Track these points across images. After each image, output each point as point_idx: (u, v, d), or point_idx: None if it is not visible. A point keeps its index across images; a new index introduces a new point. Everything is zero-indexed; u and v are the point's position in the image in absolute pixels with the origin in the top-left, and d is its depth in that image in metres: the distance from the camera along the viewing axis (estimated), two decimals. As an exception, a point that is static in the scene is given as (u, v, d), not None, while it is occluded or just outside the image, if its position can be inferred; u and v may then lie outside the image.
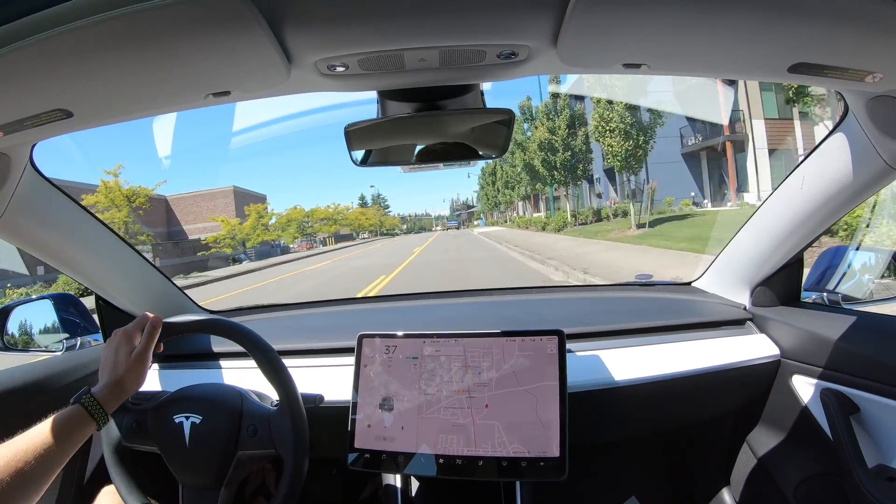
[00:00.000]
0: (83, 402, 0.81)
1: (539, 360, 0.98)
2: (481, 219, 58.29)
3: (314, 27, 0.61)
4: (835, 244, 2.19)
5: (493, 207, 39.90)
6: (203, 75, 0.68)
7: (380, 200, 74.24)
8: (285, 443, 0.89)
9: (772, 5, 0.56)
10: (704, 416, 1.31)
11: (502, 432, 0.95)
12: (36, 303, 1.43)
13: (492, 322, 1.34)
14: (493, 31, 0.63)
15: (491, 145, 0.88)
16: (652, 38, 0.64)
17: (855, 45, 0.63)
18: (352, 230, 50.58)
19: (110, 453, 0.95)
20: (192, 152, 55.00)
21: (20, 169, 0.92)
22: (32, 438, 0.75)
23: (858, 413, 1.01)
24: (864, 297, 1.24)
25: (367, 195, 75.49)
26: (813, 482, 1.12)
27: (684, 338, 1.24)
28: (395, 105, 0.85)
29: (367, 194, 78.11)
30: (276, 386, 0.90)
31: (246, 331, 0.92)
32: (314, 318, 1.68)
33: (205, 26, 0.56)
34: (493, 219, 51.75)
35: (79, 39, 0.55)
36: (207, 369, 1.26)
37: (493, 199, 36.60)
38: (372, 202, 72.47)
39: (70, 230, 1.13)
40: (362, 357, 1.04)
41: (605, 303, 1.64)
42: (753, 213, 1.26)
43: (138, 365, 0.87)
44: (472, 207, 73.41)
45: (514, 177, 26.35)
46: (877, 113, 0.84)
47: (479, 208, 61.47)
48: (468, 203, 79.13)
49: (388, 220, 66.44)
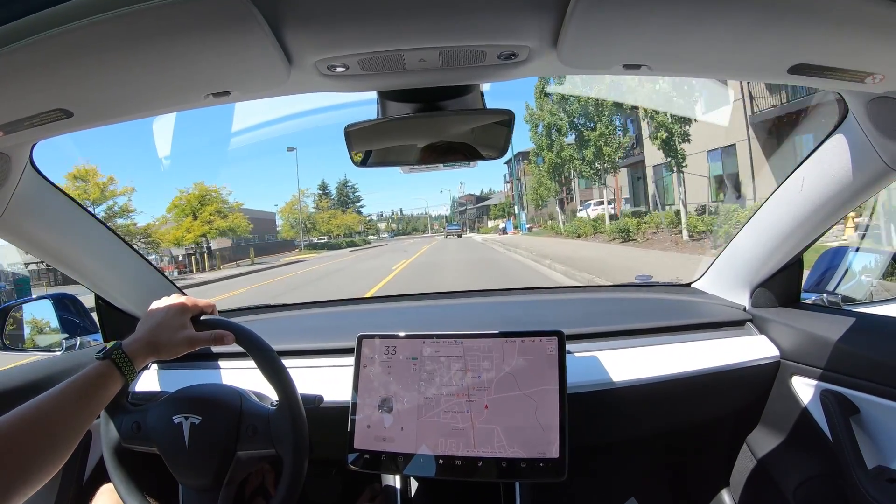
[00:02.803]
0: (114, 356, 0.80)
1: (539, 361, 0.98)
2: (508, 220, 36.32)
3: (314, 27, 0.61)
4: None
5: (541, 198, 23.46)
6: (203, 75, 0.68)
7: (345, 192, 52.85)
8: (285, 443, 0.88)
9: (772, 6, 0.56)
10: (704, 417, 1.31)
11: (502, 436, 0.95)
12: (35, 302, 1.43)
13: (491, 323, 1.34)
14: (493, 31, 0.63)
15: (491, 146, 0.88)
16: (652, 39, 0.64)
17: (855, 46, 0.63)
18: (292, 236, 37.26)
19: (110, 454, 0.95)
20: (192, 153, 53.89)
21: (20, 169, 0.91)
22: (58, 396, 0.73)
23: (858, 414, 1.01)
24: (863, 298, 1.25)
25: (332, 183, 55.81)
26: (812, 483, 1.11)
27: (684, 339, 1.24)
28: (396, 105, 0.85)
29: (333, 181, 58.96)
30: (275, 386, 0.90)
31: (245, 331, 0.92)
32: (314, 318, 1.68)
33: (205, 27, 0.56)
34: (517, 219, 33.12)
35: (79, 39, 0.55)
36: (207, 369, 1.26)
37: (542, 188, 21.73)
38: (337, 194, 51.91)
39: (70, 230, 1.13)
40: (362, 358, 1.04)
41: (604, 303, 1.63)
42: (753, 213, 1.26)
43: (181, 345, 0.86)
44: (486, 200, 52.49)
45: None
46: (877, 114, 0.84)
47: (505, 203, 41.49)
48: (483, 195, 56.66)
49: (347, 219, 45.14)
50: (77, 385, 0.76)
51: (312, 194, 46.15)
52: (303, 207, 39.36)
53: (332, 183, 55.19)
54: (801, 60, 0.66)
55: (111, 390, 0.80)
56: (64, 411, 0.73)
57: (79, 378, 0.76)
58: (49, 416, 0.72)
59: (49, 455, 0.70)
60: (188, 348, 0.88)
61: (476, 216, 55.56)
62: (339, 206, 49.73)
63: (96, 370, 0.78)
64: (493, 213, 46.19)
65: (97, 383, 0.77)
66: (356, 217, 49.09)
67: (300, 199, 38.90)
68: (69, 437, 0.73)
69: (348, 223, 45.21)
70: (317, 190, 50.34)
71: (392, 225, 66.16)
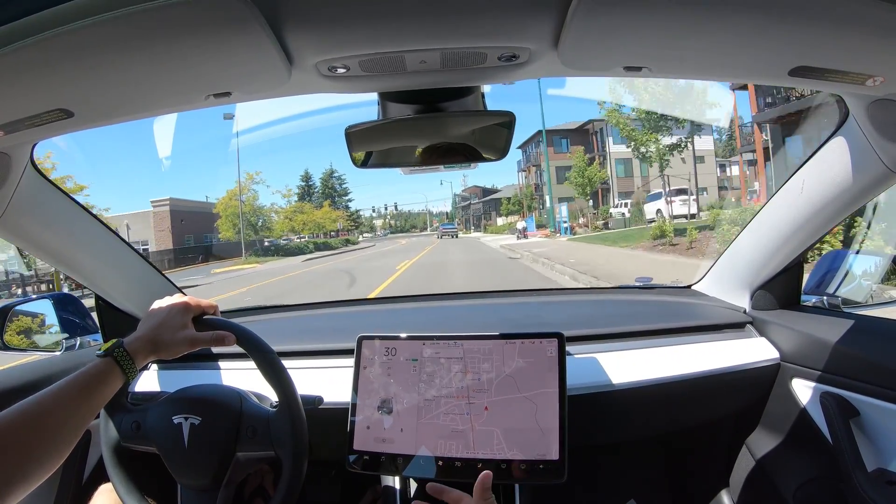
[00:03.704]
0: (115, 354, 0.79)
1: (539, 364, 0.97)
2: (528, 217, 28.06)
3: (315, 29, 0.61)
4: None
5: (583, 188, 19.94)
6: (204, 76, 0.68)
7: (331, 184, 44.05)
8: (284, 446, 0.88)
9: (772, 9, 0.56)
10: (704, 419, 1.31)
11: (501, 438, 0.95)
12: (35, 302, 1.43)
13: (492, 324, 1.34)
14: (494, 33, 0.63)
15: (491, 147, 0.88)
16: (653, 41, 0.64)
17: (856, 48, 0.63)
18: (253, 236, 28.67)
19: (109, 453, 0.95)
20: (190, 155, 51.57)
21: (21, 168, 0.92)
22: (59, 393, 0.73)
23: (858, 417, 1.01)
24: (864, 300, 1.24)
25: (317, 174, 47.49)
26: (812, 486, 1.11)
27: (684, 341, 1.23)
28: (396, 107, 0.85)
29: (317, 173, 49.55)
30: (275, 387, 0.90)
31: (247, 332, 0.92)
32: (314, 319, 1.68)
33: (206, 27, 0.56)
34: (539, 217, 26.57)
35: (80, 40, 0.55)
36: (207, 370, 1.26)
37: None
38: (322, 186, 43.27)
39: (70, 230, 1.13)
40: (362, 359, 1.04)
41: (605, 305, 1.63)
42: (754, 216, 1.26)
43: (182, 345, 0.86)
44: (496, 192, 42.45)
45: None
46: (877, 116, 0.84)
47: (525, 195, 33.11)
48: (492, 187, 45.37)
49: (317, 215, 35.92)
50: (78, 382, 0.76)
51: (289, 190, 36.58)
52: (249, 198, 29.04)
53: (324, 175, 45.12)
54: (801, 63, 0.66)
55: (112, 388, 0.80)
56: (65, 408, 0.73)
57: (80, 375, 0.76)
58: (49, 413, 0.72)
59: (49, 451, 0.70)
60: (189, 348, 0.88)
61: (483, 212, 45.59)
62: (326, 200, 42.07)
63: (97, 367, 0.78)
64: (504, 208, 37.46)
65: (98, 380, 0.77)
66: (333, 213, 38.34)
67: (248, 187, 28.68)
68: (69, 434, 0.73)
69: (318, 220, 35.11)
70: (300, 182, 42.05)
71: (390, 222, 60.22)
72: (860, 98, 0.84)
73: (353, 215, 46.33)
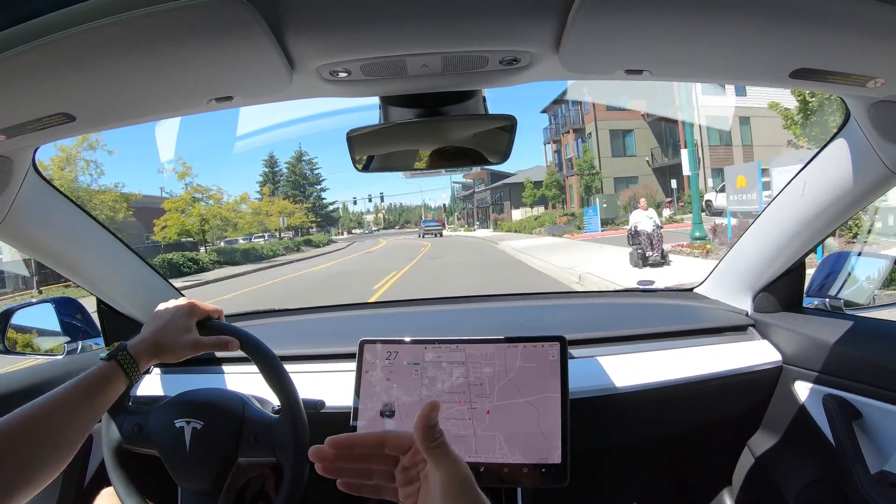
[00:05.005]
0: (119, 357, 0.79)
1: (541, 368, 0.97)
2: (592, 206, 19.23)
3: (317, 33, 0.61)
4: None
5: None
6: (206, 80, 0.68)
7: (299, 169, 37.32)
8: (286, 452, 0.88)
9: (774, 11, 0.56)
10: (706, 421, 1.30)
11: (503, 443, 0.94)
12: (37, 306, 1.43)
13: (493, 328, 1.34)
14: (495, 36, 0.63)
15: (493, 151, 0.88)
16: (654, 44, 0.64)
17: (857, 50, 0.63)
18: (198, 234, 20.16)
19: (110, 455, 0.95)
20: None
21: (22, 172, 0.92)
22: (62, 396, 0.73)
23: (861, 419, 1.00)
24: (866, 302, 1.24)
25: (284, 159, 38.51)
26: (815, 488, 1.11)
27: (686, 344, 1.23)
28: (398, 111, 0.85)
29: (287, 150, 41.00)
30: (277, 392, 0.90)
31: (251, 338, 0.92)
32: (316, 323, 1.68)
33: (207, 32, 0.56)
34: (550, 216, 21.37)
35: (82, 44, 0.55)
36: (209, 374, 1.26)
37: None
38: (289, 172, 36.94)
39: (72, 234, 1.13)
40: (363, 363, 1.04)
41: (606, 309, 1.63)
42: (755, 218, 1.26)
43: (186, 349, 0.86)
44: (508, 176, 31.15)
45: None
46: (878, 118, 0.84)
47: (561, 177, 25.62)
48: (504, 172, 31.69)
49: (274, 208, 27.96)
50: (81, 385, 0.76)
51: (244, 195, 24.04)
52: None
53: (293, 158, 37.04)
54: (802, 65, 0.66)
55: (115, 391, 0.79)
56: (68, 411, 0.73)
57: (83, 378, 0.76)
58: (52, 416, 0.71)
59: (51, 455, 0.70)
60: (192, 352, 0.87)
61: (491, 201, 34.67)
62: (293, 189, 35.13)
63: (101, 371, 0.78)
64: (527, 195, 27.36)
65: (102, 384, 0.77)
66: (289, 206, 29.65)
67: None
68: (72, 437, 0.73)
69: (262, 220, 26.30)
70: (264, 168, 34.33)
71: (385, 216, 53.13)
72: (861, 100, 0.84)
73: (320, 207, 38.05)
